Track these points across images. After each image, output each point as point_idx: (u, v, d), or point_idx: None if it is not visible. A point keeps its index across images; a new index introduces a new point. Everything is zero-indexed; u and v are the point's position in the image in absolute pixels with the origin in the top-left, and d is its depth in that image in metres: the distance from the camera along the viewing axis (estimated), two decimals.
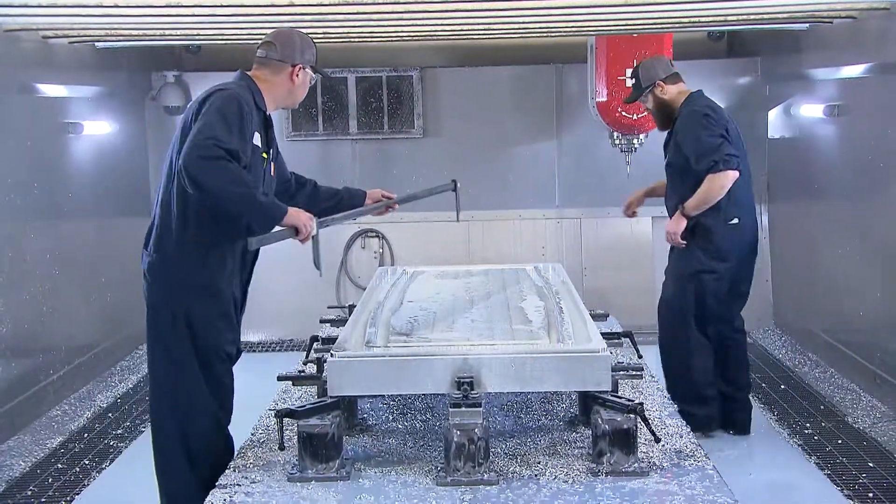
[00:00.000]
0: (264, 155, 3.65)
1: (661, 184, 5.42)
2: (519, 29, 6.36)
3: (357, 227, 8.05)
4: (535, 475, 3.06)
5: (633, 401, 3.11)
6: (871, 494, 4.52)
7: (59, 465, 5.18)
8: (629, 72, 6.96)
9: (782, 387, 6.34)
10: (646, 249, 7.95)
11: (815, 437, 5.32)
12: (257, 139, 3.57)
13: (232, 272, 3.67)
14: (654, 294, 5.41)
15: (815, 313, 7.06)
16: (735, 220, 5.04)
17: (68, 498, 4.77)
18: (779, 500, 4.66)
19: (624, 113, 6.83)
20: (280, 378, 3.71)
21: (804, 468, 4.94)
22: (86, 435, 5.68)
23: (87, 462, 5.24)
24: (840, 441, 5.24)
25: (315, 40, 3.84)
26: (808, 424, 5.54)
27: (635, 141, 7.09)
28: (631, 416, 3.06)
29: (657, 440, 3.14)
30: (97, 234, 6.98)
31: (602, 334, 3.50)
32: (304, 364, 3.92)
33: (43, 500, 4.75)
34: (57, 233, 6.30)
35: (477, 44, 7.91)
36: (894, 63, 5.48)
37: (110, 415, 6.06)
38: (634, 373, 3.58)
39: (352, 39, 6.75)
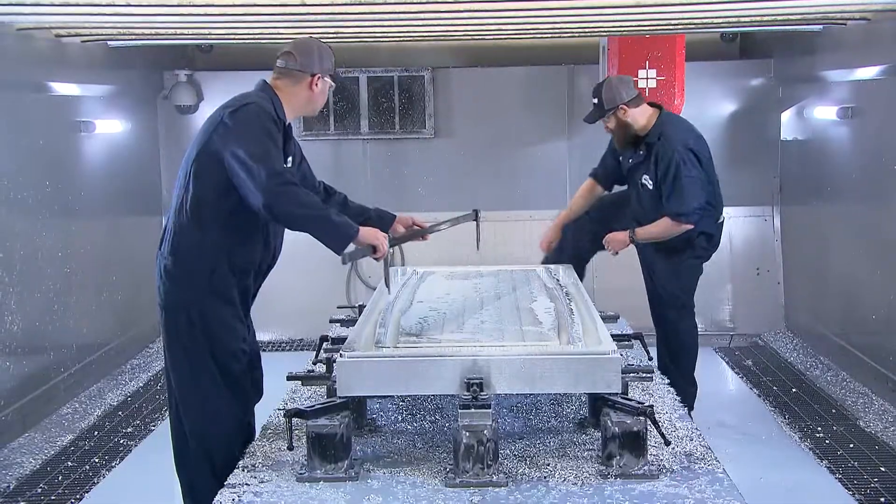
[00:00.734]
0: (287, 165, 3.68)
1: (575, 205, 5.52)
2: (531, 30, 6.34)
3: None
4: (545, 477, 3.04)
5: (643, 403, 3.10)
6: (882, 499, 4.50)
7: (70, 463, 5.20)
8: (641, 73, 6.93)
9: (794, 390, 6.31)
10: None
11: (827, 441, 5.30)
12: None
13: (246, 274, 3.67)
14: None
15: (827, 316, 7.02)
16: (722, 218, 5.33)
17: (78, 496, 4.78)
18: (790, 503, 4.64)
19: None
20: (289, 378, 3.70)
21: (816, 472, 4.93)
22: (96, 433, 5.69)
23: (97, 460, 5.25)
24: (852, 445, 5.22)
25: (327, 40, 3.86)
26: (819, 428, 5.52)
27: None
28: (641, 418, 3.04)
29: (667, 443, 3.13)
30: (109, 233, 7.00)
31: (612, 336, 3.49)
32: (314, 364, 3.91)
33: (53, 497, 4.76)
34: (69, 231, 6.32)
35: (489, 44, 7.90)
36: None
37: (120, 413, 6.07)
38: (644, 375, 3.56)
39: (363, 39, 6.75)
